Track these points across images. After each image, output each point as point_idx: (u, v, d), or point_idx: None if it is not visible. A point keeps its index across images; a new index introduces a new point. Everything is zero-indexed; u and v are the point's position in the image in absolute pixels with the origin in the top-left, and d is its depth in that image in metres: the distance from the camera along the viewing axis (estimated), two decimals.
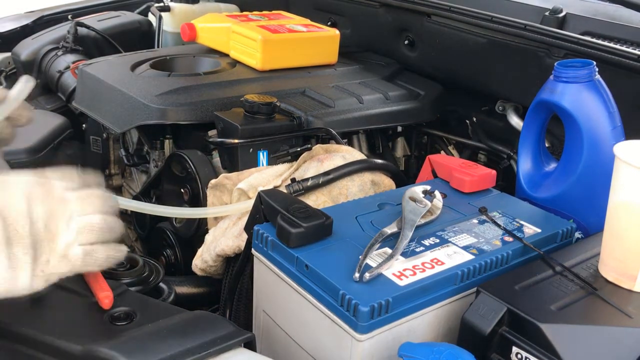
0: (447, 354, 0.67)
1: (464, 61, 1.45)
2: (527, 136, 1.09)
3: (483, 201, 0.99)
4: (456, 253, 0.83)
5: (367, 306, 0.70)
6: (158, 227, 1.31)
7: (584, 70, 0.99)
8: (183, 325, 0.69)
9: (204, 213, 1.10)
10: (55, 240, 0.65)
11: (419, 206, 0.91)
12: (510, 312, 0.71)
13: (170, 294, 0.92)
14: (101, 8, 2.12)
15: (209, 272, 1.10)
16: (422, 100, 1.47)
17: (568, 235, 0.93)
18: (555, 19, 1.44)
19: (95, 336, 0.67)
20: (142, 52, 1.59)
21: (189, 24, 1.61)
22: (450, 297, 0.80)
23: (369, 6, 1.66)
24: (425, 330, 0.79)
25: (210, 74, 1.43)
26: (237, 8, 2.10)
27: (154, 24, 1.99)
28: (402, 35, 1.59)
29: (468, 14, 1.38)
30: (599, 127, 0.98)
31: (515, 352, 0.70)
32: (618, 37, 1.36)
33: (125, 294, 0.76)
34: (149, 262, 0.91)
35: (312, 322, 0.79)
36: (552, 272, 0.79)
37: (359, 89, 1.44)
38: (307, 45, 1.53)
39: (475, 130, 1.50)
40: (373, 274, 0.75)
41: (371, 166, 1.09)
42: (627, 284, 0.77)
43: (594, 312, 0.74)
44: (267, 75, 1.45)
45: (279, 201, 0.86)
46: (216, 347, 0.67)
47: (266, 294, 0.88)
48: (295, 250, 0.80)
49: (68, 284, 0.76)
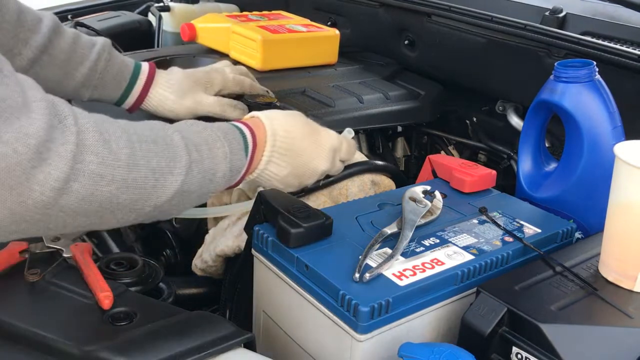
0: (447, 354, 0.67)
1: (464, 61, 1.45)
2: (527, 136, 1.09)
3: (483, 201, 0.99)
4: (456, 253, 0.83)
5: (367, 306, 0.70)
6: (158, 227, 1.31)
7: (584, 70, 0.98)
8: (183, 326, 0.69)
9: (204, 213, 1.10)
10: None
11: (419, 206, 0.91)
12: (511, 312, 0.71)
13: (170, 294, 0.92)
14: (101, 8, 2.11)
15: (208, 272, 1.10)
16: (422, 100, 1.47)
17: (568, 235, 0.93)
18: (555, 19, 1.44)
19: (95, 336, 0.67)
20: (142, 52, 1.59)
21: (189, 24, 1.61)
22: (450, 297, 0.80)
23: (369, 6, 1.66)
24: (425, 330, 0.79)
25: None
26: (237, 8, 2.09)
27: (154, 24, 1.99)
28: (402, 35, 1.59)
29: (468, 14, 1.38)
30: (599, 127, 0.98)
31: (516, 352, 0.70)
32: (618, 37, 1.36)
33: (125, 294, 0.76)
34: (149, 262, 0.91)
35: (312, 322, 0.79)
36: (552, 272, 0.79)
37: (359, 88, 1.44)
38: (307, 45, 1.53)
39: (475, 130, 1.50)
40: (373, 274, 0.75)
41: (372, 168, 1.09)
42: (627, 284, 0.77)
43: (594, 312, 0.74)
44: (267, 75, 1.45)
45: (278, 201, 0.86)
46: (216, 347, 0.67)
47: (266, 294, 0.88)
48: (295, 251, 0.80)
49: (68, 284, 0.76)
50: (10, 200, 0.58)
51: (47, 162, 0.59)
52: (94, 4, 2.12)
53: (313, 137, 0.96)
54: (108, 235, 1.23)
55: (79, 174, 0.62)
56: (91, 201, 0.64)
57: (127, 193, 0.67)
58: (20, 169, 0.57)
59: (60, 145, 0.60)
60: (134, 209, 0.70)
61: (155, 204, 0.72)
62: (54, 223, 0.63)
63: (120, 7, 2.13)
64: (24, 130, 0.57)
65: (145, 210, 0.71)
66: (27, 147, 0.57)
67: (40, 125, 0.59)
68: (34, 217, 0.61)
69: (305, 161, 0.95)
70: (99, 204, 0.65)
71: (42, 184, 0.59)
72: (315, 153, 0.96)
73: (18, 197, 0.58)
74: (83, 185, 0.62)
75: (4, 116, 0.56)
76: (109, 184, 0.65)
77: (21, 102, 0.58)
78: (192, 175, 0.75)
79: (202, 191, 0.79)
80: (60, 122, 0.61)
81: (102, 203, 0.65)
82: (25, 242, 0.80)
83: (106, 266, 0.86)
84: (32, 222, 0.61)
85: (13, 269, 0.77)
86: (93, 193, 0.64)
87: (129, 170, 0.67)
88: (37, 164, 0.58)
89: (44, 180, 0.59)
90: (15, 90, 0.58)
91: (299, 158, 0.94)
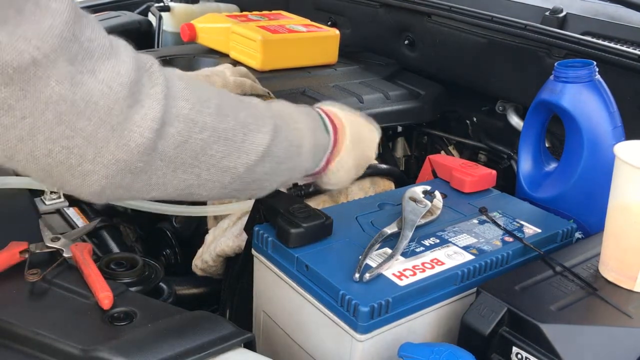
0: (447, 354, 0.67)
1: (464, 61, 1.45)
2: (528, 136, 1.09)
3: (483, 201, 0.99)
4: (456, 253, 0.83)
5: (367, 306, 0.70)
6: (158, 227, 1.31)
7: (584, 70, 0.98)
8: (183, 326, 0.69)
9: (203, 211, 1.10)
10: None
11: (419, 206, 0.91)
12: (511, 312, 0.71)
13: (170, 294, 0.92)
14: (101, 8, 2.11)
15: (209, 272, 1.10)
16: (422, 100, 1.47)
17: (568, 235, 0.93)
18: (556, 19, 1.44)
19: (95, 336, 0.67)
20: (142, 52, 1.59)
21: (189, 24, 1.61)
22: (451, 298, 0.80)
23: (369, 6, 1.66)
24: (425, 330, 0.79)
25: None
26: (237, 8, 2.09)
27: (154, 24, 1.99)
28: (402, 35, 1.59)
29: (468, 14, 1.38)
30: (599, 127, 0.98)
31: (516, 353, 0.70)
32: (618, 37, 1.36)
33: (125, 294, 0.76)
34: (149, 262, 0.91)
35: (312, 322, 0.79)
36: (552, 272, 0.79)
37: (359, 88, 1.44)
38: (307, 45, 1.53)
39: (475, 130, 1.50)
40: (373, 274, 0.75)
41: (375, 171, 1.09)
42: (627, 284, 0.77)
43: (594, 312, 0.74)
44: (267, 76, 1.45)
45: (278, 201, 0.86)
46: (216, 347, 0.67)
47: (266, 294, 0.88)
48: (295, 251, 0.80)
49: (68, 284, 0.76)
50: (114, 143, 0.58)
51: (141, 104, 0.59)
52: (94, 4, 2.12)
53: (368, 125, 0.96)
54: (108, 235, 1.23)
55: (173, 118, 0.62)
56: (186, 149, 0.64)
57: (219, 143, 0.67)
58: (118, 108, 0.57)
59: (150, 88, 0.60)
60: (227, 168, 0.70)
61: (247, 163, 0.71)
62: (155, 177, 0.63)
63: (120, 7, 2.13)
64: (116, 70, 0.57)
65: (238, 171, 0.71)
66: (122, 85, 0.57)
67: (130, 66, 0.59)
68: (137, 166, 0.60)
69: (367, 151, 0.95)
70: (194, 153, 0.65)
71: (139, 124, 0.59)
72: (372, 141, 0.96)
73: (120, 138, 0.58)
74: (178, 130, 0.63)
75: (95, 55, 0.56)
76: (202, 131, 0.65)
77: (108, 45, 0.58)
78: (279, 140, 0.75)
79: (291, 164, 0.79)
80: (146, 69, 0.61)
81: (197, 153, 0.65)
82: (25, 242, 0.80)
83: (106, 266, 0.86)
84: (136, 174, 0.61)
85: (13, 269, 0.77)
86: (187, 140, 0.64)
87: (219, 120, 0.67)
88: (133, 104, 0.58)
89: (141, 120, 0.59)
90: (102, 34, 0.58)
91: (362, 147, 0.93)
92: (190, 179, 0.67)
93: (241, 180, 0.73)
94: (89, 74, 0.55)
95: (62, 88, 0.54)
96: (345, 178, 0.93)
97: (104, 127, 0.57)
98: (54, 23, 0.52)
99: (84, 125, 0.56)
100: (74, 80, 0.54)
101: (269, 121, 0.75)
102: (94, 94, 0.55)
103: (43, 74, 0.52)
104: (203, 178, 0.68)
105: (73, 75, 0.54)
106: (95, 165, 0.58)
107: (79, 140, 0.56)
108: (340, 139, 0.88)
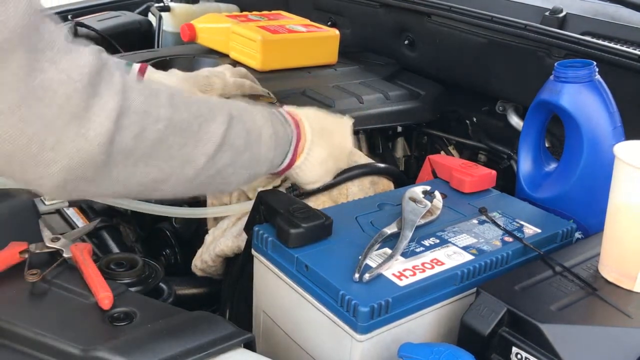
0: (447, 355, 0.67)
1: (464, 61, 1.45)
2: (527, 136, 1.09)
3: (483, 201, 0.99)
4: (456, 253, 0.83)
5: (366, 306, 0.70)
6: (158, 227, 1.31)
7: (584, 70, 0.98)
8: (183, 326, 0.69)
9: (203, 213, 1.10)
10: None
11: (419, 206, 0.91)
12: (510, 312, 0.71)
13: (170, 294, 0.92)
14: (101, 8, 2.11)
15: (208, 273, 1.10)
16: (422, 100, 1.47)
17: (568, 235, 0.93)
18: (556, 19, 1.44)
19: (95, 336, 0.67)
20: (142, 52, 1.59)
21: (189, 24, 1.61)
22: (450, 298, 0.80)
23: (369, 6, 1.66)
24: (425, 330, 0.79)
25: None
26: (237, 8, 2.09)
27: (154, 24, 1.99)
28: (402, 35, 1.59)
29: (468, 14, 1.38)
30: (599, 127, 0.98)
31: (515, 353, 0.70)
32: (618, 37, 1.36)
33: (125, 294, 0.76)
34: (149, 262, 0.91)
35: (312, 322, 0.79)
36: (552, 273, 0.79)
37: (359, 88, 1.44)
38: (307, 45, 1.53)
39: (475, 130, 1.50)
40: (373, 274, 0.75)
41: (374, 170, 1.09)
42: (627, 284, 0.77)
43: (594, 313, 0.74)
44: (267, 76, 1.45)
45: (278, 201, 0.86)
46: (216, 348, 0.67)
47: (266, 294, 0.88)
48: (294, 251, 0.80)
49: (68, 284, 0.76)
50: (73, 132, 0.59)
51: (100, 95, 0.61)
52: (94, 4, 2.12)
53: (333, 117, 0.98)
54: (108, 235, 1.23)
55: (127, 110, 0.63)
56: (143, 140, 0.65)
57: (175, 134, 0.69)
58: (77, 96, 0.59)
59: (108, 82, 0.62)
60: (187, 160, 0.71)
61: (206, 153, 0.72)
62: (116, 171, 0.64)
63: (120, 7, 2.13)
64: (76, 61, 0.59)
65: (199, 162, 0.72)
66: (81, 75, 0.59)
67: (90, 59, 0.61)
68: (98, 158, 0.61)
69: (339, 141, 0.96)
70: (151, 144, 0.66)
71: (98, 114, 0.60)
72: (343, 131, 0.98)
73: (79, 127, 0.59)
74: (132, 121, 0.64)
75: (55, 48, 0.58)
76: (156, 122, 0.67)
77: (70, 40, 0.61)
78: (235, 129, 0.76)
79: (252, 153, 0.80)
80: (104, 63, 0.63)
81: (154, 144, 0.67)
82: (25, 242, 0.80)
83: (106, 266, 0.86)
84: (97, 167, 0.62)
85: (13, 269, 0.77)
86: (143, 132, 0.65)
87: (172, 111, 0.69)
88: (92, 95, 0.60)
89: (99, 110, 0.60)
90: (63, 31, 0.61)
91: (332, 138, 0.94)
92: (152, 172, 0.68)
93: (205, 173, 0.74)
94: (49, 62, 0.57)
95: (22, 72, 0.55)
96: (322, 171, 0.94)
97: (63, 114, 0.58)
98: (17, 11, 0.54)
99: (43, 112, 0.57)
100: (34, 66, 0.56)
101: (224, 112, 0.76)
102: (53, 82, 0.57)
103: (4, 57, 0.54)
104: (165, 172, 0.69)
105: (33, 62, 0.56)
106: (56, 154, 0.59)
107: (38, 126, 0.58)
108: (303, 131, 0.90)
